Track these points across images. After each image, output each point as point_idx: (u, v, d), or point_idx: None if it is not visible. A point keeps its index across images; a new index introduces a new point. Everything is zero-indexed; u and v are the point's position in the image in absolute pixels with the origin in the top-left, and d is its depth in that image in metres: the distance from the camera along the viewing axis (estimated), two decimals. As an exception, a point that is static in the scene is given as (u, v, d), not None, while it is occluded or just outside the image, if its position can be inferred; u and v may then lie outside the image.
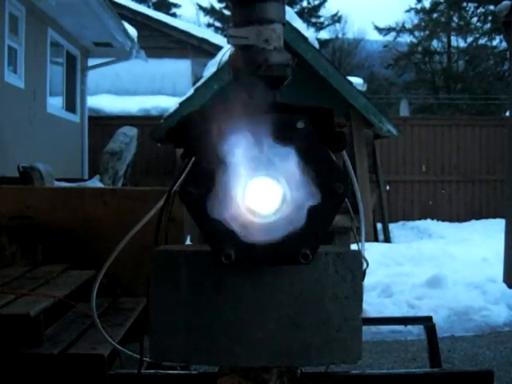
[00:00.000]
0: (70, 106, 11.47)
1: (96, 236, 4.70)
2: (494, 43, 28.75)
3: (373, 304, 6.41)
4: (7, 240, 4.54)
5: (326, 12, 33.75)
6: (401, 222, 13.75)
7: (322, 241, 1.62)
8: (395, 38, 31.04)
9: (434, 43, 30.72)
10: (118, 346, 2.10)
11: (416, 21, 30.45)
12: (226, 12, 31.19)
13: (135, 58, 12.23)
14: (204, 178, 1.58)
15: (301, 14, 30.04)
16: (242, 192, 1.59)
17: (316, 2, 33.30)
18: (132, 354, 1.98)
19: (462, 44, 30.40)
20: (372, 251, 8.25)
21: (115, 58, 12.26)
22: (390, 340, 5.75)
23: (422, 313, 5.97)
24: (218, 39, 18.67)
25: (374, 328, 5.68)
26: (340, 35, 33.79)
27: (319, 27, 33.78)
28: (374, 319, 4.23)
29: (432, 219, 13.83)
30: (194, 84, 13.74)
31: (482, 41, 29.37)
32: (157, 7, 30.19)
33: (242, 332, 1.67)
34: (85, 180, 9.54)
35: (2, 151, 8.01)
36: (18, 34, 8.88)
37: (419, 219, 13.83)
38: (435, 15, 30.18)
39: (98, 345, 3.17)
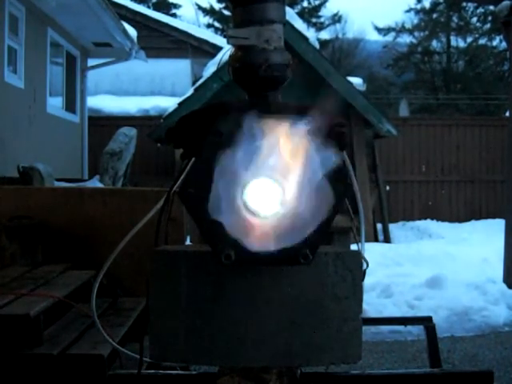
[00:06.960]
0: (70, 106, 11.47)
1: (96, 236, 4.70)
2: (494, 43, 28.78)
3: (373, 304, 6.41)
4: (7, 240, 4.54)
5: (326, 12, 33.80)
6: (401, 222, 13.74)
7: (321, 241, 1.62)
8: (395, 39, 31.08)
9: (434, 43, 30.73)
10: (118, 346, 2.10)
11: (416, 21, 30.50)
12: (226, 12, 31.17)
13: (135, 58, 12.23)
14: (204, 178, 1.58)
15: (301, 14, 30.05)
16: (242, 192, 1.59)
17: (316, 3, 33.31)
18: (132, 354, 1.98)
19: (461, 44, 30.43)
20: (372, 251, 8.24)
21: (115, 58, 12.25)
22: (390, 340, 5.75)
23: (422, 313, 5.96)
24: (217, 39, 18.68)
25: (373, 328, 5.68)
26: (340, 35, 33.82)
27: (319, 27, 33.78)
28: (374, 319, 4.23)
29: (432, 219, 13.82)
30: (193, 84, 13.73)
31: (481, 41, 29.39)
32: (156, 7, 30.16)
33: (242, 332, 1.66)
34: (85, 180, 9.54)
35: (2, 151, 8.01)
36: (18, 34, 8.87)
37: (419, 219, 13.82)
38: (435, 15, 30.19)
39: (98, 345, 3.18)
